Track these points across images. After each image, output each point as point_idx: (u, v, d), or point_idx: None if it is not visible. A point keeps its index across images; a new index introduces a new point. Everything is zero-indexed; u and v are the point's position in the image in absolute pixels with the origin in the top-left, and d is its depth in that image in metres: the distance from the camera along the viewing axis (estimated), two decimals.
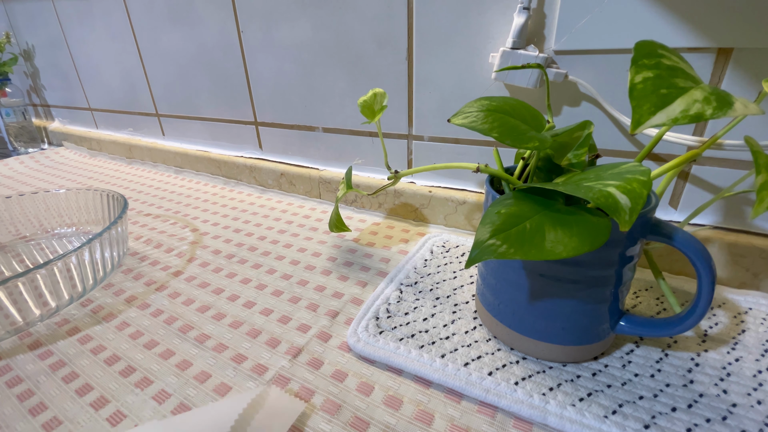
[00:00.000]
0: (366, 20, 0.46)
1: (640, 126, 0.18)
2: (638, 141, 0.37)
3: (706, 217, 0.37)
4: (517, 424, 0.24)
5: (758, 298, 0.34)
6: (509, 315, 0.28)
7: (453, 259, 0.41)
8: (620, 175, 0.21)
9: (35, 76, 0.96)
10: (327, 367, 0.29)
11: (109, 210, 0.47)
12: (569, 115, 0.39)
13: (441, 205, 0.49)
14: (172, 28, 0.63)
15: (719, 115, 0.18)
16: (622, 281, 0.25)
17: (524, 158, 0.30)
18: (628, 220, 0.18)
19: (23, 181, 0.73)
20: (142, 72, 0.72)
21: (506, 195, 0.23)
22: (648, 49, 0.20)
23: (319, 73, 0.52)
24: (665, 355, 0.28)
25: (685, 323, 0.25)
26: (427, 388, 0.27)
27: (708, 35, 0.31)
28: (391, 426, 0.25)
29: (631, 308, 0.33)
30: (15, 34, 0.92)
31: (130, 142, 0.81)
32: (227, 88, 0.63)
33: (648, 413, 0.24)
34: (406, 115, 0.48)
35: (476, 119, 0.25)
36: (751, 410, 0.24)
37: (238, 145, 0.67)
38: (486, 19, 0.39)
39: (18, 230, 0.49)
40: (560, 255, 0.19)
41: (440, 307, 0.34)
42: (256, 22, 0.54)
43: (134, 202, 0.62)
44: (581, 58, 0.36)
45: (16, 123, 0.92)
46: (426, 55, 0.44)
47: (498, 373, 0.27)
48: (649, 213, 0.23)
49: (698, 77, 0.20)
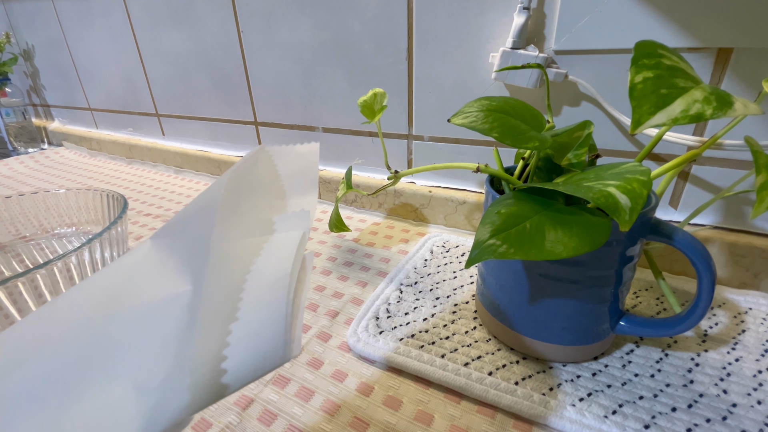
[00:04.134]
0: (366, 20, 0.46)
1: (640, 126, 0.18)
2: (638, 141, 0.37)
3: (706, 217, 0.37)
4: (517, 424, 0.24)
5: (758, 298, 0.34)
6: (509, 315, 0.28)
7: (453, 259, 0.41)
8: (620, 175, 0.21)
9: (35, 76, 0.96)
10: (327, 367, 0.29)
11: (109, 210, 0.47)
12: (569, 115, 0.39)
13: (441, 205, 0.48)
14: (172, 28, 0.63)
15: (719, 115, 0.18)
16: (622, 281, 0.25)
17: (524, 158, 0.30)
18: (628, 220, 0.18)
19: (23, 181, 0.73)
20: (142, 72, 0.72)
21: (506, 195, 0.23)
22: (648, 49, 0.20)
23: (319, 73, 0.52)
24: (665, 355, 0.28)
25: (685, 323, 0.25)
26: (427, 388, 0.27)
27: (708, 35, 0.31)
28: (391, 426, 0.25)
29: (631, 308, 0.33)
30: (15, 34, 0.92)
31: (130, 142, 0.81)
32: (227, 88, 0.63)
33: (648, 413, 0.24)
34: (406, 115, 0.48)
35: (476, 119, 0.25)
36: (751, 410, 0.24)
37: (238, 145, 0.67)
38: (486, 19, 0.39)
39: (18, 230, 0.49)
40: (560, 255, 0.19)
41: (440, 307, 0.34)
42: (256, 21, 0.54)
43: (134, 202, 0.62)
44: (581, 58, 0.36)
45: (16, 123, 0.92)
46: (426, 55, 0.44)
47: (498, 373, 0.27)
48: (649, 213, 0.23)
49: (698, 77, 0.20)
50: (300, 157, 0.22)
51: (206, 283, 0.14)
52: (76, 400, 0.13)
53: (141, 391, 0.13)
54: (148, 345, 0.14)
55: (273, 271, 0.15)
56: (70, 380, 0.13)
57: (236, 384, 0.12)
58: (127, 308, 0.15)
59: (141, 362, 0.13)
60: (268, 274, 0.15)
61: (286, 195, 0.20)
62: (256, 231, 0.17)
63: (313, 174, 0.21)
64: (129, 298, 0.15)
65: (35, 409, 0.13)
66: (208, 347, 0.13)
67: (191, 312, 0.14)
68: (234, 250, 0.15)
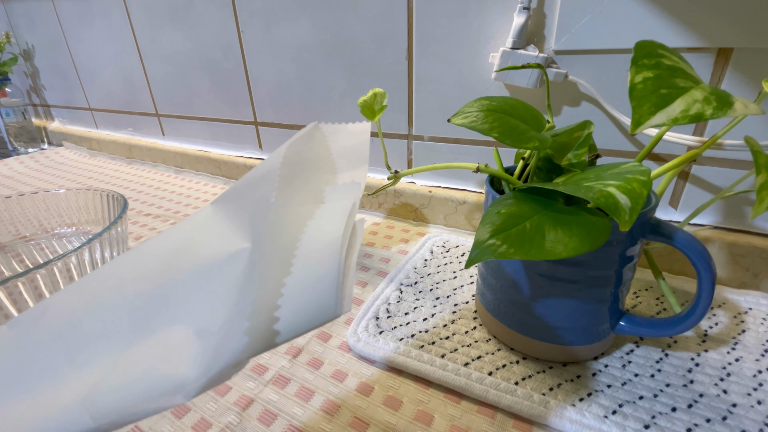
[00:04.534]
0: (366, 20, 0.46)
1: (640, 126, 0.18)
2: (638, 141, 0.37)
3: (706, 217, 0.37)
4: (517, 424, 0.24)
5: (758, 298, 0.34)
6: (509, 315, 0.28)
7: (453, 259, 0.41)
8: (620, 175, 0.21)
9: (35, 76, 0.96)
10: (327, 367, 0.29)
11: (109, 210, 0.47)
12: (569, 115, 0.39)
13: (441, 205, 0.48)
14: (172, 28, 0.63)
15: (719, 115, 0.18)
16: (622, 281, 0.25)
17: (524, 158, 0.30)
18: (628, 220, 0.18)
19: (23, 181, 0.73)
20: (142, 72, 0.72)
21: (506, 195, 0.23)
22: (648, 49, 0.20)
23: (319, 73, 0.52)
24: (665, 355, 0.28)
25: (685, 323, 0.25)
26: (427, 388, 0.27)
27: (708, 35, 0.31)
28: (391, 426, 0.25)
29: (631, 308, 0.33)
30: (15, 34, 0.92)
31: (130, 142, 0.81)
32: (227, 88, 0.63)
33: (648, 413, 0.24)
34: (406, 115, 0.48)
35: (476, 119, 0.25)
36: (751, 410, 0.24)
37: (238, 145, 0.67)
38: (486, 19, 0.39)
39: (18, 230, 0.49)
40: (560, 255, 0.19)
41: (440, 307, 0.34)
42: (256, 21, 0.54)
43: (134, 202, 0.62)
44: (581, 58, 0.36)
45: (16, 123, 0.92)
46: (426, 55, 0.44)
47: (498, 373, 0.27)
48: (649, 213, 0.23)
49: (698, 77, 0.20)
50: (351, 135, 0.24)
51: (265, 241, 0.15)
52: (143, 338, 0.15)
53: (203, 335, 0.14)
54: (210, 294, 0.15)
55: (325, 233, 0.16)
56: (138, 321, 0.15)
57: (287, 331, 0.13)
58: (190, 262, 0.16)
59: (203, 309, 0.15)
60: (321, 236, 0.16)
61: (336, 170, 0.22)
62: (309, 200, 0.18)
63: (363, 151, 0.23)
64: (192, 253, 0.17)
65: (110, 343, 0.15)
66: (264, 296, 0.14)
67: (251, 265, 0.15)
68: (289, 214, 0.17)
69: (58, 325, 0.15)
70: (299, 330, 0.14)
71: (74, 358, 0.14)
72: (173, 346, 0.14)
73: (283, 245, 0.15)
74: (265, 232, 0.16)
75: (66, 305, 0.16)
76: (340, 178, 0.21)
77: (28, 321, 0.15)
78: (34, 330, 0.15)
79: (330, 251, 0.15)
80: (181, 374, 0.13)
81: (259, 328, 0.13)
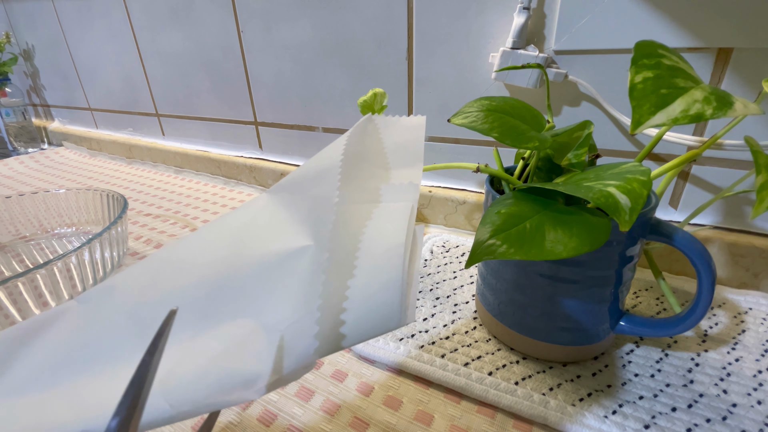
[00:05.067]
0: (366, 20, 0.46)
1: (640, 126, 0.18)
2: (638, 141, 0.37)
3: (706, 217, 0.37)
4: (517, 424, 0.24)
5: (758, 298, 0.34)
6: (509, 315, 0.28)
7: (453, 259, 0.41)
8: (620, 175, 0.21)
9: (35, 76, 0.96)
10: (327, 367, 0.29)
11: (109, 210, 0.47)
12: (569, 115, 0.39)
13: (441, 205, 0.48)
14: (172, 28, 0.63)
15: (719, 115, 0.18)
16: (622, 281, 0.25)
17: (524, 158, 0.30)
18: (628, 220, 0.18)
19: (23, 181, 0.73)
20: (142, 72, 0.72)
21: (506, 195, 0.23)
22: (648, 49, 0.20)
23: (319, 73, 0.52)
24: (665, 355, 0.28)
25: (685, 323, 0.25)
26: (427, 388, 0.27)
27: (708, 35, 0.31)
28: (391, 426, 0.25)
29: (631, 308, 0.33)
30: (15, 34, 0.92)
31: (130, 142, 0.81)
32: (227, 88, 0.63)
33: (648, 413, 0.24)
34: (406, 115, 0.48)
35: (476, 119, 0.25)
36: (751, 410, 0.24)
37: (238, 145, 0.67)
38: (486, 19, 0.39)
39: (18, 230, 0.49)
40: (560, 255, 0.19)
41: (440, 307, 0.34)
42: (256, 22, 0.54)
43: (134, 202, 0.62)
44: (581, 58, 0.36)
45: (16, 123, 0.92)
46: (426, 55, 0.44)
47: (498, 373, 0.27)
48: (649, 213, 0.23)
49: (698, 77, 0.20)
50: (406, 129, 0.23)
51: (329, 243, 0.15)
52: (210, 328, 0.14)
53: (269, 331, 0.14)
54: (274, 291, 0.15)
55: (385, 237, 0.15)
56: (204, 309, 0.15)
57: (353, 336, 0.13)
58: (252, 254, 0.16)
59: (268, 305, 0.15)
60: (381, 240, 0.15)
61: (389, 166, 0.21)
62: (365, 198, 0.18)
63: (418, 147, 0.22)
64: (252, 242, 0.16)
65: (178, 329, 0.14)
66: (330, 300, 0.14)
67: (315, 265, 0.15)
68: (350, 213, 0.16)
69: (130, 303, 0.15)
70: (364, 336, 0.13)
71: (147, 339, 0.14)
72: (240, 339, 0.14)
73: (345, 247, 0.15)
74: (328, 233, 0.15)
75: (134, 285, 0.15)
76: (393, 175, 0.20)
77: (97, 297, 0.15)
78: (105, 306, 0.15)
79: (393, 259, 0.14)
80: (250, 369, 0.13)
81: (327, 332, 0.13)
